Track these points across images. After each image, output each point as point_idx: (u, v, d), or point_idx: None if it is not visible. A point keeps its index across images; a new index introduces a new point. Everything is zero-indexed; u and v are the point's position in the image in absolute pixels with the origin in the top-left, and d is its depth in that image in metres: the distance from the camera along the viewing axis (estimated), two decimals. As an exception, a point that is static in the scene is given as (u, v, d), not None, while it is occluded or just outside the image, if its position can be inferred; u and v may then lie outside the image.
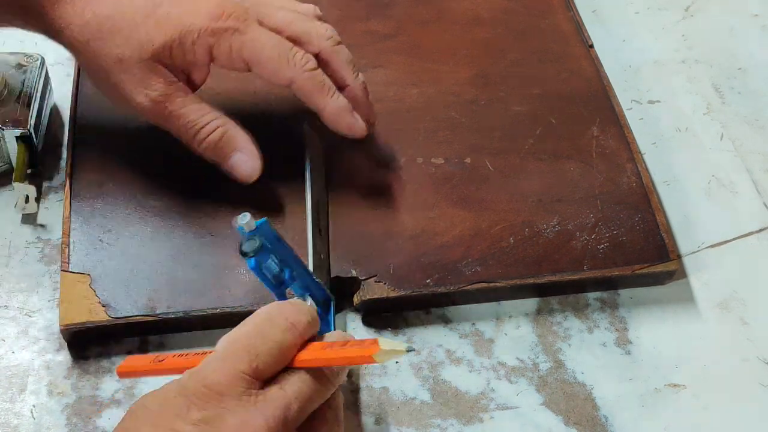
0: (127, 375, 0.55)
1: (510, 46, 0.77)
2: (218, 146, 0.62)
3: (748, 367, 0.61)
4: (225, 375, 0.47)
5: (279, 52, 0.61)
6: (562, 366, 0.61)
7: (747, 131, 0.75)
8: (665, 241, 0.65)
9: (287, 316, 0.49)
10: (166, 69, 0.60)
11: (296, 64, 0.61)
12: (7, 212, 0.68)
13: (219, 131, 0.62)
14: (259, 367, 0.47)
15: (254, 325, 0.49)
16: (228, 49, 0.60)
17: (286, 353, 0.48)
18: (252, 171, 0.63)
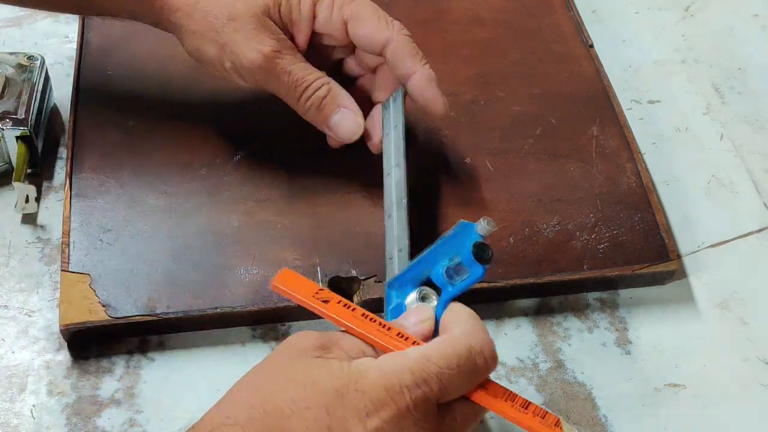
0: (281, 291, 0.51)
1: (510, 46, 0.77)
2: (323, 103, 0.62)
3: (748, 367, 0.61)
4: (415, 397, 0.46)
5: (379, 14, 0.62)
6: (562, 366, 0.61)
7: (747, 131, 0.75)
8: (665, 241, 0.65)
9: (486, 356, 0.48)
10: (275, 25, 0.61)
11: (394, 26, 0.62)
12: (7, 212, 0.68)
13: (325, 88, 0.62)
14: (443, 397, 0.47)
15: (454, 354, 0.47)
16: (329, 7, 0.61)
17: (469, 388, 0.48)
18: (356, 127, 0.63)
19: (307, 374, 0.47)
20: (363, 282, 0.62)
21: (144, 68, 0.74)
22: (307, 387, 0.46)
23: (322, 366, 0.47)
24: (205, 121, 0.70)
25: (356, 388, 0.46)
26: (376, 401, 0.45)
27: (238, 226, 0.65)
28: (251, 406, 0.46)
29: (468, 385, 0.48)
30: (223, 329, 0.62)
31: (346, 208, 0.66)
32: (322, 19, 0.62)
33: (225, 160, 0.68)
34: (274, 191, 0.67)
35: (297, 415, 0.45)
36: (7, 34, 0.80)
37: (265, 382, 0.48)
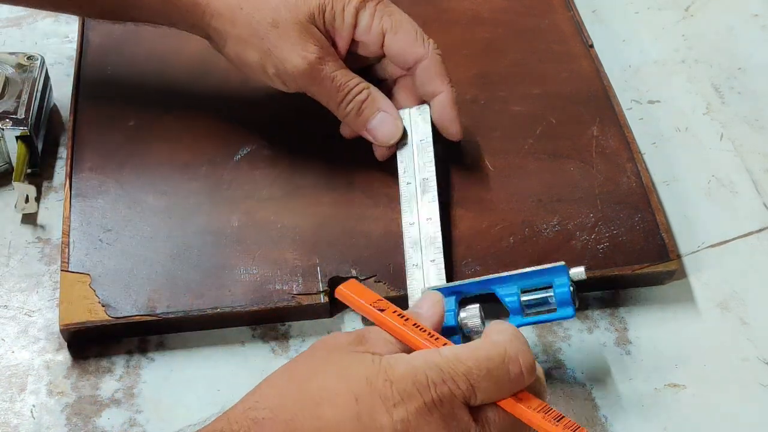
0: (343, 298, 0.54)
1: (510, 46, 0.77)
2: (363, 107, 0.64)
3: (747, 367, 0.61)
4: (442, 393, 0.46)
5: (416, 30, 0.64)
6: (561, 366, 0.61)
7: (747, 131, 0.75)
8: (665, 241, 0.65)
9: (521, 364, 0.48)
10: (318, 32, 0.62)
11: (429, 44, 0.64)
12: (7, 212, 0.68)
13: (365, 92, 0.64)
14: (472, 399, 0.47)
15: (486, 358, 0.48)
16: (371, 17, 0.62)
17: (500, 395, 0.48)
18: (395, 129, 0.64)
19: (340, 364, 0.48)
20: (363, 282, 0.62)
21: (144, 68, 0.74)
22: (340, 376, 0.47)
23: (355, 357, 0.48)
24: (205, 121, 0.71)
25: (385, 378, 0.46)
26: (403, 392, 0.46)
27: (238, 226, 0.65)
28: (282, 392, 0.48)
29: (500, 392, 0.48)
30: (223, 329, 0.62)
31: (346, 208, 0.66)
32: (363, 27, 0.63)
33: (225, 160, 0.68)
34: (274, 191, 0.67)
35: (327, 402, 0.46)
36: (7, 34, 0.80)
37: (298, 372, 0.49)
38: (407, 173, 0.64)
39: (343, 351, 0.49)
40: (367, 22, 0.63)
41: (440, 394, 0.46)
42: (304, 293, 0.61)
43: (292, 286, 0.62)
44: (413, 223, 0.62)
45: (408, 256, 0.61)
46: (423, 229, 0.62)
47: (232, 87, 0.72)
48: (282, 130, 0.70)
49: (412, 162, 0.65)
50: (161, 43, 0.76)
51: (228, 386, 0.59)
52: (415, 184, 0.64)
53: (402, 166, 0.65)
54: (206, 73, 0.74)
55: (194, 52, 0.75)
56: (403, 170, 0.65)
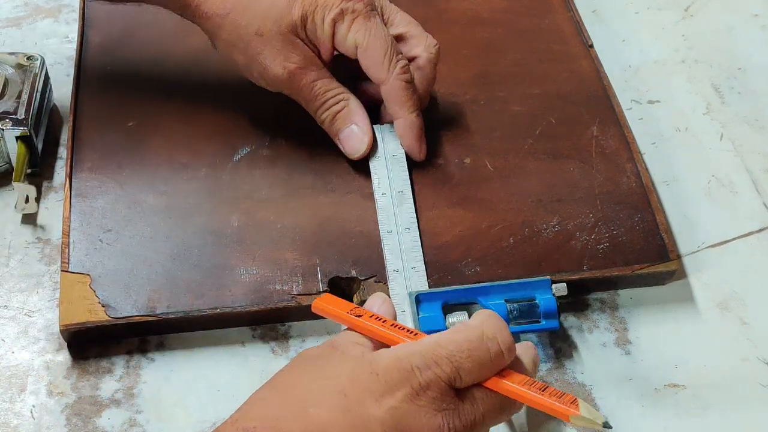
0: (320, 312, 0.56)
1: (510, 46, 0.77)
2: (337, 117, 0.66)
3: (747, 367, 0.61)
4: (426, 377, 0.48)
5: (386, 50, 0.64)
6: (561, 366, 0.61)
7: (747, 131, 0.75)
8: (665, 241, 0.65)
9: (500, 342, 0.50)
10: (301, 41, 0.64)
11: (395, 68, 0.64)
12: (7, 212, 0.68)
13: (342, 103, 0.66)
14: (456, 381, 0.49)
15: (465, 340, 0.50)
16: (347, 29, 0.63)
17: (484, 375, 0.50)
18: (359, 146, 0.66)
19: (323, 367, 0.50)
20: (363, 282, 0.62)
21: (144, 68, 0.74)
22: (323, 377, 0.49)
23: (337, 357, 0.50)
24: (205, 122, 0.70)
25: (370, 371, 0.48)
26: (389, 382, 0.47)
27: (238, 226, 0.65)
28: (268, 402, 0.49)
29: (483, 372, 0.50)
30: (223, 329, 0.62)
31: (346, 208, 0.66)
32: (340, 38, 0.64)
33: (225, 160, 0.68)
34: (273, 191, 0.67)
35: (314, 402, 0.47)
36: (7, 34, 0.80)
37: (281, 382, 0.50)
38: (381, 184, 0.66)
39: (322, 358, 0.51)
40: (343, 33, 0.64)
41: (426, 379, 0.48)
42: (304, 293, 0.61)
43: (292, 286, 0.62)
44: (391, 231, 0.64)
45: (388, 261, 0.62)
46: (402, 238, 0.63)
47: (232, 87, 0.72)
48: (282, 131, 0.70)
49: (386, 174, 0.66)
50: (161, 43, 0.76)
51: (228, 386, 0.59)
52: (391, 196, 0.65)
53: (376, 177, 0.66)
54: (206, 74, 0.74)
55: (194, 52, 0.75)
56: (378, 181, 0.66)
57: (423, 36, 0.67)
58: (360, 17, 0.63)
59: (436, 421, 0.47)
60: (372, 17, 0.64)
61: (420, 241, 0.63)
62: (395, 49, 0.64)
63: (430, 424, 0.47)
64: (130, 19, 0.77)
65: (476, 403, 0.49)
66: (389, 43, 0.64)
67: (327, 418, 0.47)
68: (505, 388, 0.50)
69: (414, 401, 0.47)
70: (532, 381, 0.50)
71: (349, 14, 0.63)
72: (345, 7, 0.63)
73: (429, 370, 0.48)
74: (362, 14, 0.63)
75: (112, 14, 0.78)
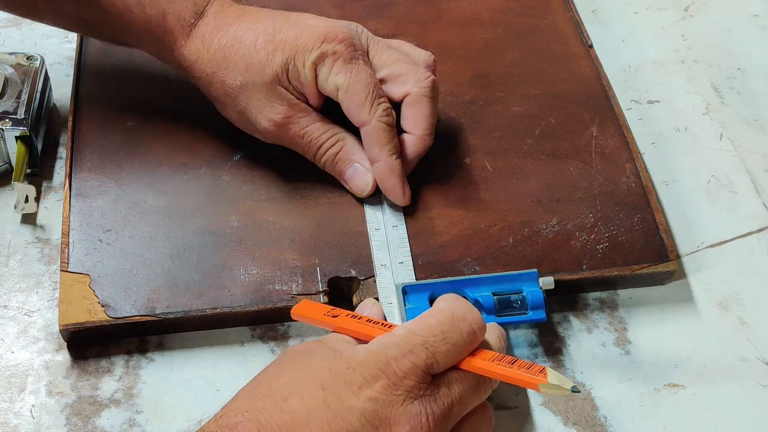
0: (299, 318, 0.58)
1: (509, 46, 0.77)
2: (336, 159, 0.65)
3: (747, 367, 0.61)
4: (403, 366, 0.49)
5: (367, 93, 0.63)
6: (561, 366, 0.61)
7: (746, 131, 0.75)
8: (664, 241, 0.65)
9: (470, 322, 0.51)
10: (285, 91, 0.63)
11: (376, 111, 0.63)
12: (6, 212, 0.68)
13: (338, 145, 0.65)
14: (433, 366, 0.50)
15: (437, 323, 0.51)
16: (327, 72, 0.62)
17: (459, 357, 0.51)
18: (365, 184, 0.65)
19: (302, 362, 0.51)
20: (362, 282, 0.62)
21: (143, 68, 0.74)
22: (303, 370, 0.50)
23: (317, 354, 0.51)
24: (204, 122, 0.70)
25: (348, 366, 0.49)
26: (367, 374, 0.48)
27: (238, 227, 0.65)
28: (251, 397, 0.49)
29: (458, 353, 0.51)
30: (222, 329, 0.62)
31: (346, 208, 0.66)
32: (321, 81, 0.63)
33: (224, 160, 0.68)
34: (273, 191, 0.67)
35: (294, 395, 0.48)
36: (6, 34, 0.80)
37: (264, 378, 0.51)
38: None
39: (305, 352, 0.52)
40: (324, 76, 0.63)
41: (403, 369, 0.49)
42: (304, 293, 0.61)
43: (291, 286, 0.62)
44: (378, 228, 0.64)
45: (376, 257, 0.63)
46: (389, 235, 0.64)
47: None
48: (281, 131, 0.70)
49: None
50: (161, 43, 0.76)
51: (227, 386, 0.59)
52: (381, 196, 0.66)
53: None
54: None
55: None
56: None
57: (413, 71, 0.65)
58: (340, 59, 0.62)
59: (414, 409, 0.48)
60: (353, 59, 0.63)
61: (407, 238, 0.64)
62: (377, 91, 0.63)
63: (409, 412, 0.48)
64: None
65: (452, 386, 0.50)
66: (371, 85, 0.63)
67: (306, 409, 0.48)
68: (476, 366, 0.50)
69: (392, 391, 0.48)
70: (501, 356, 0.51)
71: (329, 56, 0.62)
72: (325, 49, 0.62)
73: (405, 358, 0.49)
74: (343, 56, 0.62)
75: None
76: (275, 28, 0.63)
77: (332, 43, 0.62)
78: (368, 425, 0.48)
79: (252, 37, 0.63)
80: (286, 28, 0.63)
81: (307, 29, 0.63)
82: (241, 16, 0.64)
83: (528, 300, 0.60)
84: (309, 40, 0.62)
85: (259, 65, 0.62)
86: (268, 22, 0.63)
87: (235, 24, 0.63)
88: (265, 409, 0.48)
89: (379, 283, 0.61)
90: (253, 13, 0.64)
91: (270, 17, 0.64)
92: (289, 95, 0.63)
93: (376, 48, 0.65)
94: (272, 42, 0.62)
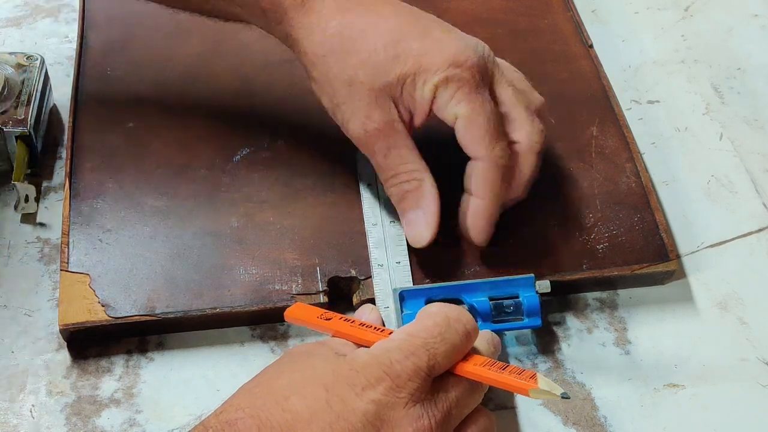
0: (292, 321, 0.58)
1: (509, 46, 0.77)
2: (406, 196, 0.61)
3: (747, 367, 0.61)
4: (406, 368, 0.49)
5: (490, 127, 0.59)
6: (561, 366, 0.61)
7: (746, 131, 0.75)
8: (664, 241, 0.65)
9: (464, 323, 0.52)
10: (392, 103, 0.59)
11: (493, 149, 0.59)
12: (6, 212, 0.68)
13: (414, 183, 0.60)
14: (434, 367, 0.50)
15: (434, 325, 0.51)
16: (449, 98, 0.59)
17: (457, 357, 0.51)
18: (420, 237, 0.61)
19: (305, 363, 0.51)
20: (362, 282, 0.62)
21: (144, 69, 0.74)
22: (305, 371, 0.50)
23: (319, 356, 0.51)
24: (204, 122, 0.71)
25: (351, 368, 0.49)
26: (370, 376, 0.48)
27: (238, 227, 0.65)
28: (252, 395, 0.49)
29: (455, 354, 0.51)
30: (222, 329, 0.62)
31: (346, 208, 0.66)
32: (440, 105, 0.59)
33: (224, 160, 0.68)
34: (273, 192, 0.67)
35: (296, 394, 0.48)
36: (6, 34, 0.80)
37: (265, 376, 0.51)
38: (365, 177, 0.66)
39: (306, 354, 0.52)
40: (445, 101, 0.59)
41: (406, 370, 0.49)
42: (304, 293, 0.62)
43: (291, 286, 0.62)
44: (376, 224, 0.64)
45: (373, 256, 0.62)
46: (387, 231, 0.63)
47: (232, 89, 0.72)
48: (281, 132, 0.70)
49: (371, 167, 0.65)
50: (161, 44, 0.76)
51: (227, 386, 0.59)
52: (377, 187, 0.65)
53: (360, 167, 0.67)
54: (206, 75, 0.74)
55: (194, 53, 0.75)
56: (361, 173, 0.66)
57: (528, 121, 0.61)
58: (465, 87, 0.58)
59: (416, 412, 0.48)
60: (478, 89, 0.59)
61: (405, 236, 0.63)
62: (499, 129, 0.59)
63: (411, 415, 0.48)
64: (130, 20, 0.77)
65: (449, 391, 0.50)
66: (492, 121, 0.59)
67: (309, 409, 0.47)
68: (468, 371, 0.51)
69: (395, 393, 0.48)
70: (492, 362, 0.51)
71: (454, 83, 0.58)
72: (451, 74, 0.58)
73: (408, 360, 0.49)
74: (468, 84, 0.58)
75: (112, 15, 0.78)
76: (401, 33, 0.59)
77: (460, 69, 0.58)
78: (370, 427, 0.47)
79: (374, 36, 0.59)
80: (412, 37, 0.59)
81: (435, 47, 0.59)
82: (362, 3, 0.60)
83: (524, 305, 0.60)
84: (436, 60, 0.58)
85: (375, 68, 0.59)
86: (394, 22, 0.60)
87: (357, 11, 0.60)
88: (266, 407, 0.48)
89: (376, 284, 0.61)
90: (378, 2, 0.61)
91: (395, 15, 0.60)
92: (393, 109, 0.59)
93: (499, 80, 0.61)
94: (395, 48, 0.59)
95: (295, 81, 0.73)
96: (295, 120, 0.70)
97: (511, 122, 0.61)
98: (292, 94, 0.72)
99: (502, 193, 0.61)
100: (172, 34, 0.76)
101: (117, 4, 0.79)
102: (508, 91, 0.61)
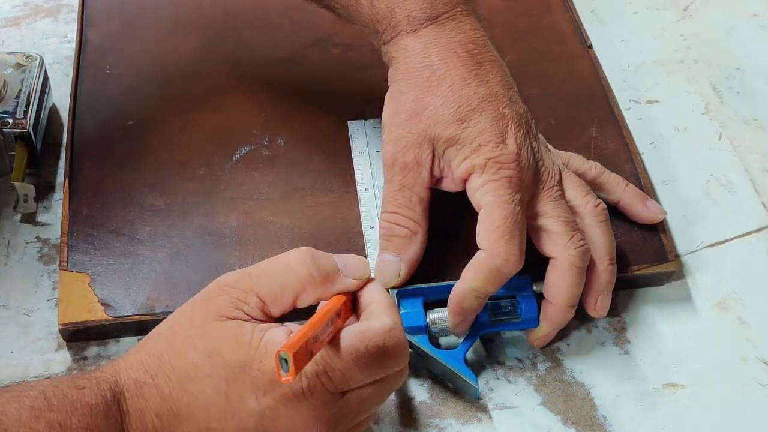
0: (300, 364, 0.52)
1: (508, 47, 0.77)
2: (390, 239, 0.60)
3: (746, 366, 0.61)
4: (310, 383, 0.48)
5: (500, 225, 0.57)
6: (560, 366, 0.61)
7: (745, 131, 0.75)
8: (664, 242, 0.65)
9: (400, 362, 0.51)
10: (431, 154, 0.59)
11: (499, 249, 0.57)
12: (6, 212, 0.68)
13: (406, 231, 0.60)
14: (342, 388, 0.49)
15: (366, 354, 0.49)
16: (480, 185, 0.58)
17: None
18: (387, 279, 0.60)
19: (215, 342, 0.49)
20: (362, 282, 0.62)
21: (143, 68, 0.74)
22: (213, 356, 0.49)
23: (233, 334, 0.49)
24: (204, 122, 0.71)
25: (258, 368, 0.48)
26: (274, 382, 0.48)
27: (237, 226, 0.65)
28: (161, 359, 0.50)
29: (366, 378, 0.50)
30: (222, 329, 0.62)
31: (346, 208, 0.66)
32: (471, 187, 0.59)
33: (224, 160, 0.68)
34: (272, 191, 0.67)
35: (197, 380, 0.49)
36: (6, 34, 0.80)
37: (177, 338, 0.50)
38: (365, 180, 0.66)
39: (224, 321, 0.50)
40: (475, 186, 0.59)
41: (311, 386, 0.48)
42: (303, 293, 0.61)
43: (291, 285, 0.62)
44: (373, 227, 0.64)
45: (370, 257, 0.62)
46: None
47: (231, 87, 0.72)
48: (281, 131, 0.70)
49: (369, 170, 0.67)
50: (160, 43, 0.76)
51: (227, 386, 0.59)
52: (373, 191, 0.65)
53: (359, 173, 0.67)
54: (205, 74, 0.74)
55: (193, 52, 0.75)
56: (361, 177, 0.67)
57: (567, 235, 0.58)
58: (499, 182, 0.58)
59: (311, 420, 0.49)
60: (509, 186, 0.58)
61: None
62: (518, 234, 0.57)
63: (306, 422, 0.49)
64: (129, 19, 0.77)
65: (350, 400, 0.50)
66: (509, 223, 0.57)
67: (206, 398, 0.48)
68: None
69: (291, 403, 0.48)
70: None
71: (491, 172, 0.58)
72: (491, 161, 0.58)
73: (316, 378, 0.48)
74: (505, 178, 0.58)
75: (111, 14, 0.78)
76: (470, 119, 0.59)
77: (503, 157, 0.58)
78: (262, 430, 0.48)
79: (458, 92, 0.59)
80: (475, 121, 0.59)
81: (486, 132, 0.59)
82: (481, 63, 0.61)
83: (521, 306, 0.60)
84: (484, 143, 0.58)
85: (437, 119, 0.59)
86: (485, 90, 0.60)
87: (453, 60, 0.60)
88: (170, 382, 0.49)
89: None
90: (492, 67, 0.61)
91: (496, 83, 0.61)
92: (429, 159, 0.59)
93: (543, 191, 0.60)
94: (460, 111, 0.59)
95: (295, 80, 0.73)
96: (294, 119, 0.70)
97: (549, 236, 0.59)
98: (292, 93, 0.72)
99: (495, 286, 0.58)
100: (171, 33, 0.76)
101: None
102: (550, 204, 0.60)
